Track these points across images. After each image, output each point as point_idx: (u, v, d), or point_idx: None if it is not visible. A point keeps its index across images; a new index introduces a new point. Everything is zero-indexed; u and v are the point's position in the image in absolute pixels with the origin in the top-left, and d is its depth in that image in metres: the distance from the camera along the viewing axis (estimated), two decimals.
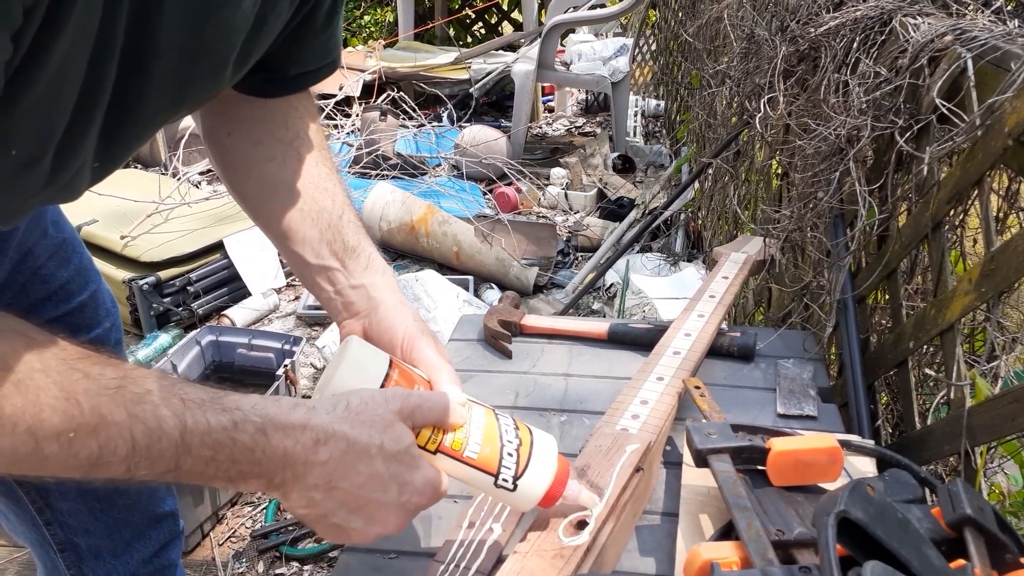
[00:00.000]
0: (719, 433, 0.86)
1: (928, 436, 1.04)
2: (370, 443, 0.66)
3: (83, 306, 1.05)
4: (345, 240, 0.86)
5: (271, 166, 0.86)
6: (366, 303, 0.84)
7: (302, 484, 0.65)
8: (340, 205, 0.87)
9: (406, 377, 0.75)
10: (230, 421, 0.61)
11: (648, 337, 1.24)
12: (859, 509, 0.63)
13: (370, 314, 0.83)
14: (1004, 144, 0.88)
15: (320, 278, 0.85)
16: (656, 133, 4.84)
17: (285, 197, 0.85)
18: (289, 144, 0.86)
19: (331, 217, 0.86)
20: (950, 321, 0.99)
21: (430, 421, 0.71)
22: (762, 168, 1.97)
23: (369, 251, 0.87)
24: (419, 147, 4.25)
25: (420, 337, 0.81)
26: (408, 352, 0.80)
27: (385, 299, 0.84)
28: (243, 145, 0.86)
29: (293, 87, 0.87)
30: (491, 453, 0.74)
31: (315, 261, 0.85)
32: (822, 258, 1.30)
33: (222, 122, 0.87)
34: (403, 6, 5.58)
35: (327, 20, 0.82)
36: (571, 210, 3.76)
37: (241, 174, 0.88)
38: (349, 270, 0.85)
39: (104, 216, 2.88)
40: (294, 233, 0.85)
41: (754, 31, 1.64)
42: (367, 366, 0.73)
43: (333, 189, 0.88)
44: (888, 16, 1.19)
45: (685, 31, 3.26)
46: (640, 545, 0.89)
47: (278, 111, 0.87)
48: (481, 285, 3.05)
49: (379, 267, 0.87)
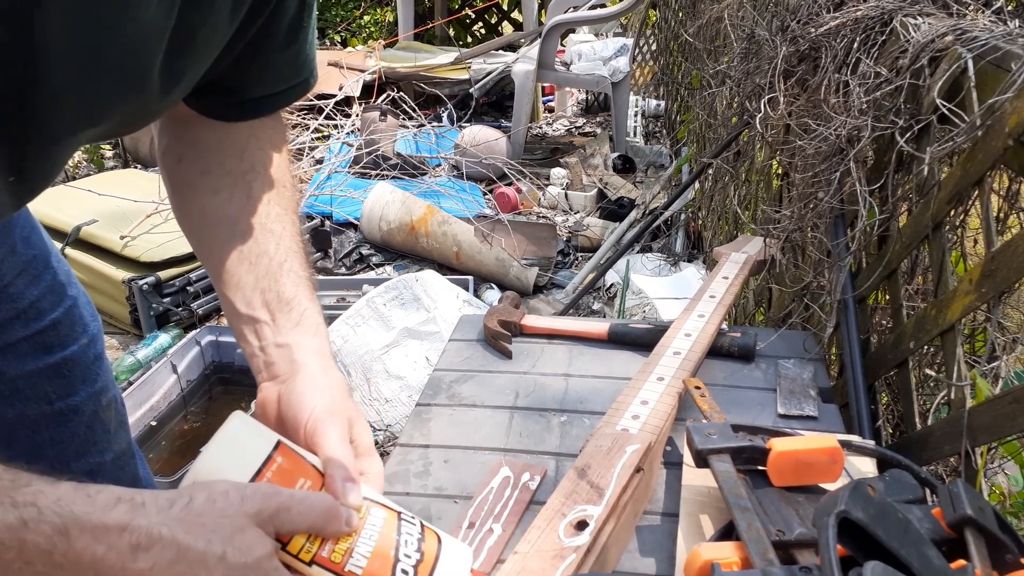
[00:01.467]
0: (719, 433, 0.86)
1: (928, 436, 1.04)
2: (207, 552, 0.55)
3: (56, 324, 1.00)
4: (280, 291, 0.77)
5: (216, 199, 0.79)
6: (287, 366, 0.74)
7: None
8: (284, 251, 0.79)
9: (292, 467, 0.64)
10: (18, 519, 0.52)
11: (648, 337, 1.24)
12: (860, 509, 0.63)
13: (288, 380, 0.73)
14: (1004, 144, 0.88)
15: (247, 329, 0.76)
16: (656, 133, 4.84)
17: (226, 234, 0.78)
18: (240, 177, 0.80)
19: (270, 263, 0.78)
20: (951, 321, 0.99)
21: (301, 527, 0.60)
22: (762, 168, 1.97)
23: (305, 306, 0.78)
24: (419, 147, 4.25)
25: (329, 419, 0.69)
26: (311, 435, 0.69)
27: (307, 364, 0.74)
28: (191, 173, 0.81)
29: (255, 111, 0.81)
30: (380, 568, 0.62)
31: (244, 310, 0.76)
32: (822, 258, 1.30)
33: (176, 145, 0.82)
34: (403, 6, 5.58)
35: (290, 36, 0.76)
36: (571, 210, 3.76)
37: (185, 203, 0.82)
38: (278, 325, 0.76)
39: (104, 216, 2.88)
40: (229, 276, 0.77)
41: (754, 31, 1.64)
42: (244, 448, 0.63)
43: (280, 232, 0.80)
44: (889, 16, 1.19)
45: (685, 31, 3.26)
46: (640, 545, 0.89)
47: (236, 139, 0.81)
48: (481, 285, 3.04)
49: (312, 325, 0.77)
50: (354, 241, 3.40)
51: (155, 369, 2.29)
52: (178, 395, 2.35)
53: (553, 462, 1.03)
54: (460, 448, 1.08)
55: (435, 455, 1.07)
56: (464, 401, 1.18)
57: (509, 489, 0.97)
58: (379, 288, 2.52)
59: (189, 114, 0.79)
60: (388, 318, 2.46)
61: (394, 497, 0.99)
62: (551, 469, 1.02)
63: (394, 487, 1.01)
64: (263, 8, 0.72)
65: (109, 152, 4.46)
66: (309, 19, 0.79)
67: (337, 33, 6.88)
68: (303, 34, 0.79)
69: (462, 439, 1.10)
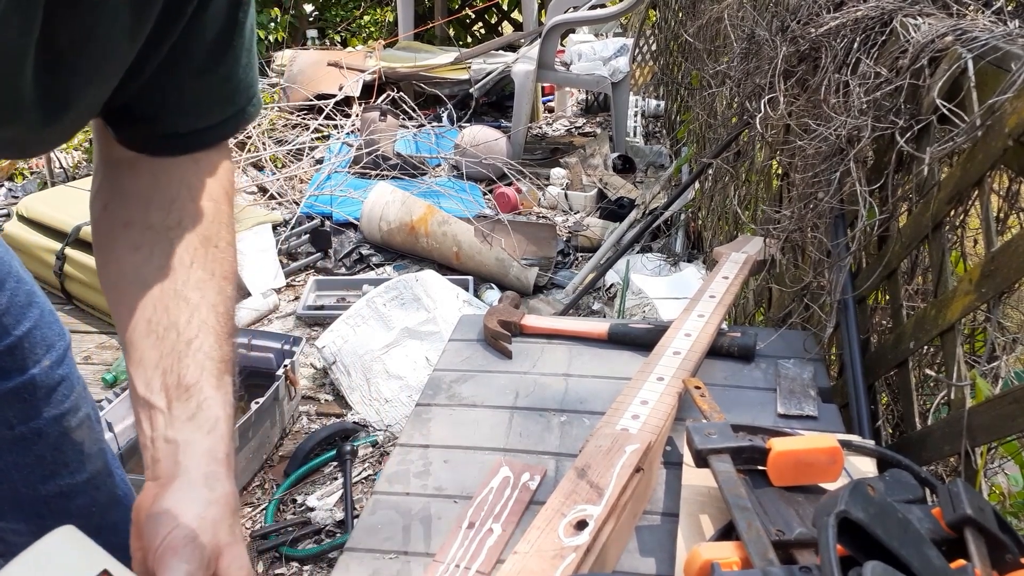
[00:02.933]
0: (719, 433, 0.86)
1: (928, 436, 1.04)
2: None
3: (12, 348, 0.95)
4: (182, 374, 0.66)
5: (135, 257, 0.71)
6: (171, 467, 0.62)
7: None
8: (197, 325, 0.68)
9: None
10: None
11: (648, 337, 1.24)
12: (859, 509, 0.63)
13: (166, 484, 0.62)
14: (1004, 144, 0.88)
15: (143, 414, 0.66)
16: (656, 133, 4.84)
17: (138, 299, 0.69)
18: (163, 233, 0.71)
19: (178, 340, 0.67)
20: (950, 321, 0.99)
21: None
22: (762, 168, 1.97)
23: (206, 395, 0.66)
24: (419, 147, 4.25)
25: (183, 549, 0.57)
26: (157, 564, 0.57)
27: (189, 469, 0.62)
28: (114, 224, 0.73)
29: (183, 147, 0.73)
30: None
31: (142, 392, 0.66)
32: (822, 258, 1.30)
33: (105, 191, 0.75)
34: (403, 6, 5.58)
35: (213, 58, 0.68)
36: (571, 210, 3.76)
37: (105, 257, 0.73)
38: (172, 415, 0.65)
39: None
40: (134, 349, 0.68)
41: (754, 31, 1.64)
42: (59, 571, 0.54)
43: (197, 302, 0.69)
44: (889, 16, 1.19)
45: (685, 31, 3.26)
46: (640, 545, 0.89)
47: (166, 188, 0.72)
48: (481, 285, 3.04)
49: (209, 420, 0.65)
50: (354, 241, 3.40)
51: None
52: None
53: (553, 462, 1.03)
54: (460, 448, 1.08)
55: (435, 455, 1.07)
56: (464, 401, 1.18)
57: (509, 489, 0.97)
58: (379, 288, 2.52)
59: (121, 156, 0.73)
60: (388, 318, 2.46)
61: (394, 497, 0.99)
62: (551, 469, 1.02)
63: (394, 487, 1.01)
64: (173, 25, 0.65)
65: None
66: (240, 39, 0.70)
67: (337, 33, 6.88)
68: (232, 55, 0.70)
69: (462, 439, 1.10)
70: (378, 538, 0.93)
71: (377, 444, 2.23)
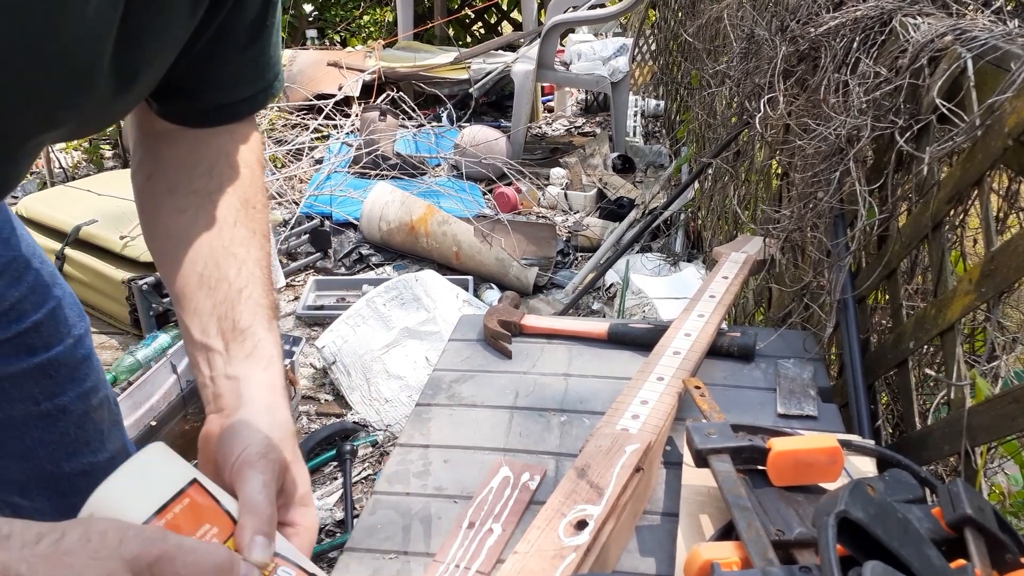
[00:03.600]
0: (719, 433, 0.86)
1: (928, 436, 1.04)
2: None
3: (38, 325, 0.99)
4: (236, 319, 0.73)
5: (181, 219, 0.77)
6: (234, 399, 0.70)
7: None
8: (246, 276, 0.75)
9: (201, 510, 0.59)
10: None
11: (648, 337, 1.24)
12: (859, 509, 0.63)
13: (232, 414, 0.69)
14: (1004, 144, 0.88)
15: (200, 357, 0.73)
16: (656, 133, 4.84)
17: (187, 257, 0.75)
18: (207, 197, 0.77)
19: (229, 290, 0.74)
20: (950, 321, 0.99)
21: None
22: (762, 168, 1.97)
23: (260, 336, 0.74)
24: (418, 147, 4.25)
25: (258, 462, 0.64)
26: (235, 477, 0.63)
27: (253, 399, 0.70)
28: (158, 190, 0.79)
29: (219, 118, 0.79)
30: None
31: (199, 337, 0.73)
32: (822, 258, 1.30)
33: (147, 162, 0.81)
34: (402, 6, 5.57)
35: (252, 35, 0.74)
36: (571, 210, 3.76)
37: (151, 222, 0.80)
38: (230, 355, 0.72)
39: (103, 216, 2.87)
40: (187, 300, 0.74)
41: (754, 31, 1.64)
42: (152, 482, 0.58)
43: (244, 256, 0.76)
44: (888, 16, 1.19)
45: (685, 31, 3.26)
46: (640, 545, 0.89)
47: (205, 156, 0.79)
48: (481, 285, 3.04)
49: (264, 358, 0.73)
50: (354, 241, 3.40)
51: (155, 369, 2.29)
52: (178, 395, 2.35)
53: (553, 462, 1.03)
54: (460, 448, 1.08)
55: (435, 455, 1.07)
56: (464, 401, 1.18)
57: (509, 489, 0.97)
58: (379, 288, 2.52)
59: (160, 128, 0.78)
60: (388, 318, 2.46)
61: (394, 497, 0.99)
62: (551, 469, 1.02)
63: (394, 487, 1.01)
64: (224, 3, 0.70)
65: (109, 152, 4.46)
66: (273, 18, 0.76)
67: (337, 33, 6.88)
68: (266, 34, 0.76)
69: (462, 439, 1.10)
70: (378, 538, 0.93)
71: (377, 444, 2.23)
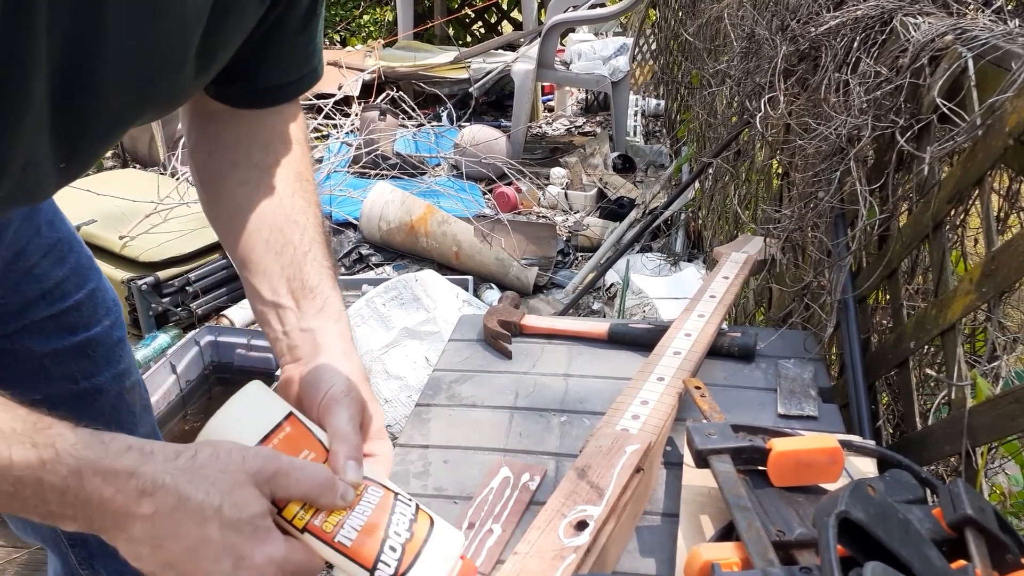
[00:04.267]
0: (719, 433, 0.86)
1: (929, 436, 1.03)
2: (205, 503, 0.58)
3: (80, 305, 1.04)
4: (305, 279, 0.81)
5: (243, 190, 0.83)
6: (310, 349, 0.78)
7: (126, 535, 0.59)
8: (308, 241, 0.83)
9: (298, 438, 0.68)
10: (38, 459, 0.55)
11: (648, 337, 1.24)
12: (860, 509, 0.63)
13: (310, 361, 0.77)
14: (1005, 144, 0.88)
15: (271, 315, 0.80)
16: (656, 133, 4.84)
17: (252, 225, 0.82)
18: (266, 170, 0.84)
19: (296, 253, 0.81)
20: (951, 321, 0.99)
21: (296, 494, 0.63)
22: (762, 168, 1.97)
23: (328, 294, 0.81)
24: (418, 147, 4.25)
25: (342, 399, 0.72)
26: (323, 412, 0.72)
27: (330, 347, 0.78)
28: (220, 166, 0.84)
29: (272, 99, 0.85)
30: (370, 543, 0.64)
31: (270, 296, 0.80)
32: (823, 258, 1.30)
33: (205, 140, 0.86)
34: (403, 5, 5.57)
35: (305, 22, 0.79)
36: (571, 210, 3.76)
37: (213, 195, 0.85)
38: (302, 311, 0.80)
39: (103, 216, 2.87)
40: (255, 264, 0.81)
41: (754, 30, 1.64)
42: (256, 413, 0.67)
43: (304, 223, 0.83)
44: (889, 15, 1.19)
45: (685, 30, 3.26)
46: (640, 546, 0.89)
47: (260, 133, 0.84)
48: (481, 285, 3.04)
49: (334, 312, 0.81)
50: (353, 241, 3.40)
51: (154, 369, 2.29)
52: (177, 395, 2.35)
53: (553, 462, 1.03)
54: (460, 448, 1.08)
55: (435, 455, 1.07)
56: (464, 401, 1.18)
57: (509, 489, 0.97)
58: (378, 288, 2.52)
59: (215, 109, 0.83)
60: (387, 318, 2.45)
61: None
62: (551, 469, 1.02)
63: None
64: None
65: (108, 152, 4.46)
66: (321, 8, 0.81)
67: (337, 32, 6.87)
68: (315, 22, 0.81)
69: (462, 439, 1.10)
70: None
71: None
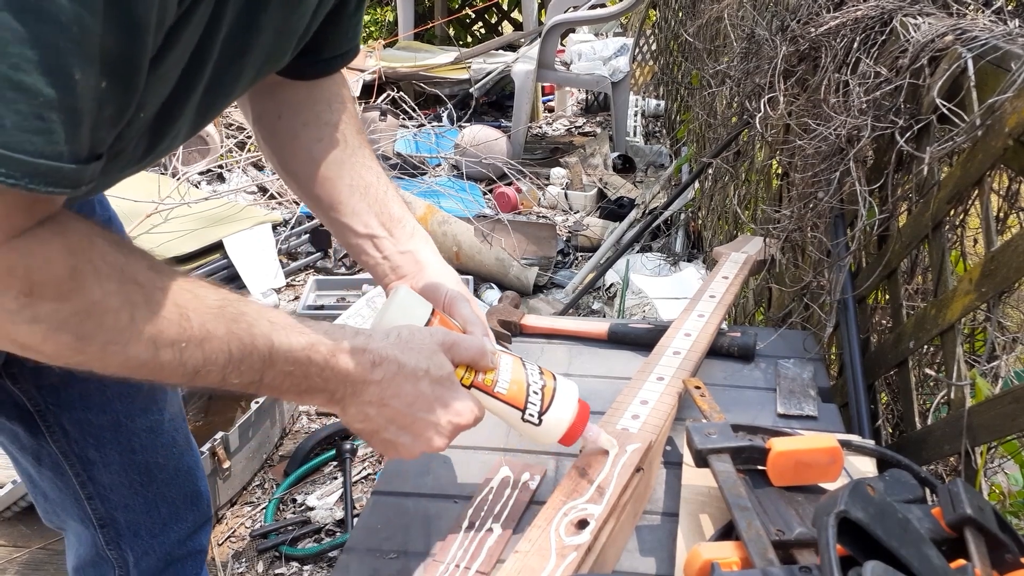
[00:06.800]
0: (719, 433, 0.86)
1: (928, 436, 1.04)
2: (417, 367, 0.75)
3: None
4: (391, 212, 0.95)
5: (319, 145, 0.93)
6: (413, 266, 0.94)
7: (359, 400, 0.74)
8: (384, 182, 0.96)
9: (445, 324, 0.84)
10: (308, 342, 0.70)
11: (648, 337, 1.24)
12: (859, 509, 0.63)
13: (416, 275, 0.93)
14: (1004, 144, 0.88)
15: (367, 246, 0.94)
16: (656, 133, 4.84)
17: (334, 173, 0.93)
18: (335, 126, 0.94)
19: (377, 191, 0.95)
20: (950, 321, 0.99)
21: (465, 359, 0.80)
22: (762, 168, 1.97)
23: (413, 222, 0.96)
24: (419, 147, 4.25)
25: (459, 297, 0.89)
26: (448, 308, 0.88)
27: (430, 263, 0.94)
28: (292, 126, 0.94)
29: (326, 70, 0.94)
30: (518, 391, 0.83)
31: (364, 231, 0.94)
32: (822, 258, 1.30)
33: (273, 106, 0.94)
34: (403, 6, 5.57)
35: (358, 3, 0.90)
36: (571, 210, 3.76)
37: (290, 152, 0.95)
38: (396, 238, 0.94)
39: None
40: (343, 206, 0.93)
41: (754, 31, 1.64)
42: (413, 310, 0.83)
43: (375, 168, 0.96)
44: (888, 16, 1.19)
45: (685, 31, 3.26)
46: (640, 545, 0.89)
47: (322, 95, 0.94)
48: (481, 285, 3.04)
49: (422, 236, 0.96)
50: None
51: None
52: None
53: (553, 462, 1.03)
54: (460, 448, 1.08)
55: (435, 455, 1.07)
56: None
57: (509, 489, 0.97)
58: (379, 288, 2.52)
59: (273, 80, 0.91)
60: None
61: (394, 497, 1.00)
62: (551, 469, 1.02)
63: (394, 487, 1.01)
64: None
65: None
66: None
67: None
68: (364, 2, 0.93)
69: (462, 439, 1.09)
70: (378, 538, 0.93)
71: None
